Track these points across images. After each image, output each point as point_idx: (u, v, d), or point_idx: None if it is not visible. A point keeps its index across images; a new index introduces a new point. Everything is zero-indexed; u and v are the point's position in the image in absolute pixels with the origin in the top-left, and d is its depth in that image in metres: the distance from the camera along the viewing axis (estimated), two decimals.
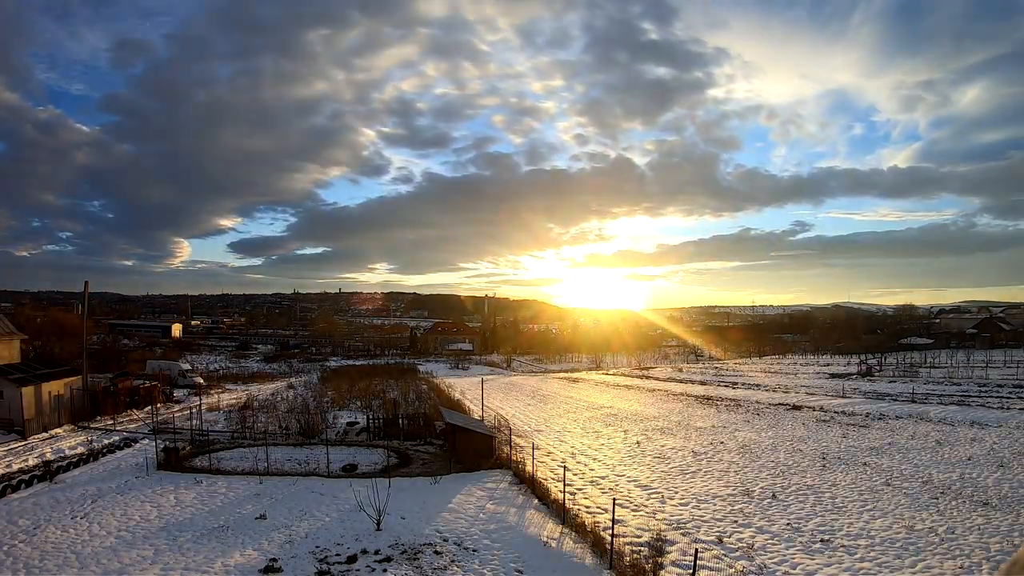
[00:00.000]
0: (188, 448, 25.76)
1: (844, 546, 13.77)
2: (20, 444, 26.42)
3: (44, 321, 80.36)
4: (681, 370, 73.69)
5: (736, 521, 15.79)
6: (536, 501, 18.27)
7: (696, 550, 12.08)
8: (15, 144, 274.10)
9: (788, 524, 15.42)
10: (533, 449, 23.38)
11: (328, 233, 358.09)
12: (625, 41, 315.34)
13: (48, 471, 21.43)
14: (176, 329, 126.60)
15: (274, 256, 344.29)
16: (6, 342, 34.15)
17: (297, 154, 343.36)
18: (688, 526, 15.54)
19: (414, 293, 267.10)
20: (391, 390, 47.69)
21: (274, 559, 13.45)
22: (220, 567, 13.13)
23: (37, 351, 52.56)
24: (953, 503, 16.65)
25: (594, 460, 23.77)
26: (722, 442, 26.44)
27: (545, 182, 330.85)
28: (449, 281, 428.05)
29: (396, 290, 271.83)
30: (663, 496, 18.37)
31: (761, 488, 18.84)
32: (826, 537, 14.38)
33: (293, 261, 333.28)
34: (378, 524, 15.39)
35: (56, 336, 64.98)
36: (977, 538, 13.98)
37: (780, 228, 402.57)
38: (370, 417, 31.03)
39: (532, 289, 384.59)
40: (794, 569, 12.71)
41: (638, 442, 27.08)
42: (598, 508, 17.26)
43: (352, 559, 13.49)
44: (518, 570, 13.09)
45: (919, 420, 30.10)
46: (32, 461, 23.35)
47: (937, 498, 17.13)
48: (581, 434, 29.90)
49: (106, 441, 27.71)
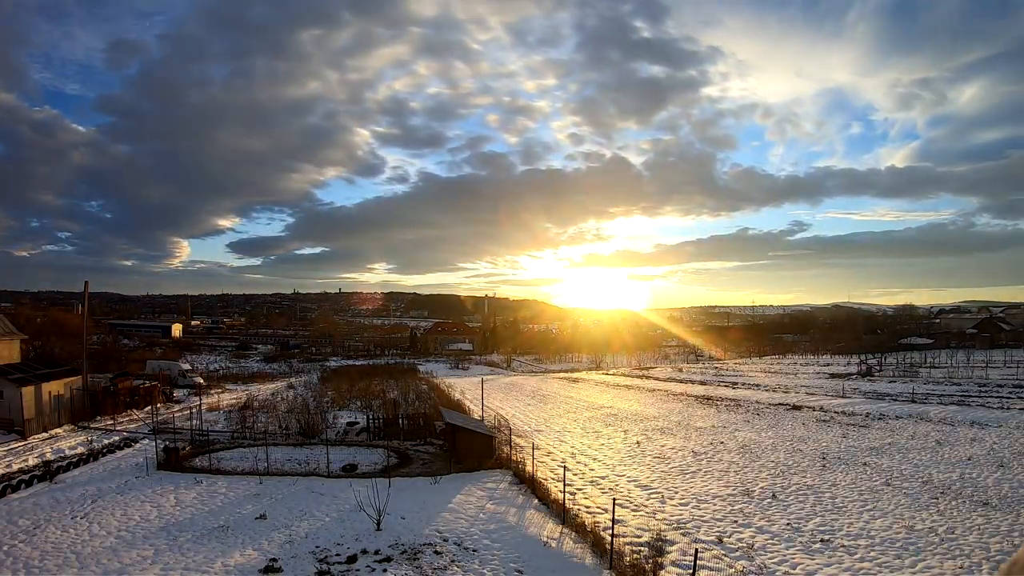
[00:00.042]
0: (188, 448, 25.76)
1: (844, 546, 13.78)
2: (20, 444, 26.42)
3: (44, 321, 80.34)
4: (681, 370, 73.67)
5: (736, 521, 15.80)
6: (536, 501, 18.27)
7: (696, 550, 12.08)
8: (13, 144, 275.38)
9: (788, 524, 15.43)
10: (533, 449, 23.38)
11: (326, 233, 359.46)
12: (617, 39, 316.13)
13: (48, 471, 21.43)
14: (176, 329, 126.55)
15: (273, 256, 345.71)
16: (6, 342, 34.15)
17: (293, 154, 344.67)
18: (688, 526, 15.55)
19: (414, 293, 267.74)
20: (391, 390, 47.68)
21: (274, 559, 13.45)
22: (220, 567, 13.14)
23: (37, 351, 52.50)
24: (953, 503, 16.66)
25: (594, 460, 23.77)
26: (722, 442, 26.44)
27: (541, 182, 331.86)
28: (448, 281, 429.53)
29: (396, 290, 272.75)
30: (663, 496, 18.37)
31: (761, 488, 18.84)
32: (826, 537, 14.39)
33: (292, 261, 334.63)
34: (378, 524, 15.39)
35: (56, 336, 64.91)
36: (977, 538, 13.99)
37: (778, 228, 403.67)
38: (370, 417, 31.04)
39: (531, 289, 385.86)
40: (794, 569, 12.71)
41: (638, 442, 27.08)
42: (598, 508, 17.26)
43: (352, 559, 13.50)
44: (518, 570, 13.09)
45: (919, 420, 30.11)
46: (32, 461, 23.35)
47: (937, 498, 17.14)
48: (581, 434, 29.90)
49: (106, 441, 27.72)
